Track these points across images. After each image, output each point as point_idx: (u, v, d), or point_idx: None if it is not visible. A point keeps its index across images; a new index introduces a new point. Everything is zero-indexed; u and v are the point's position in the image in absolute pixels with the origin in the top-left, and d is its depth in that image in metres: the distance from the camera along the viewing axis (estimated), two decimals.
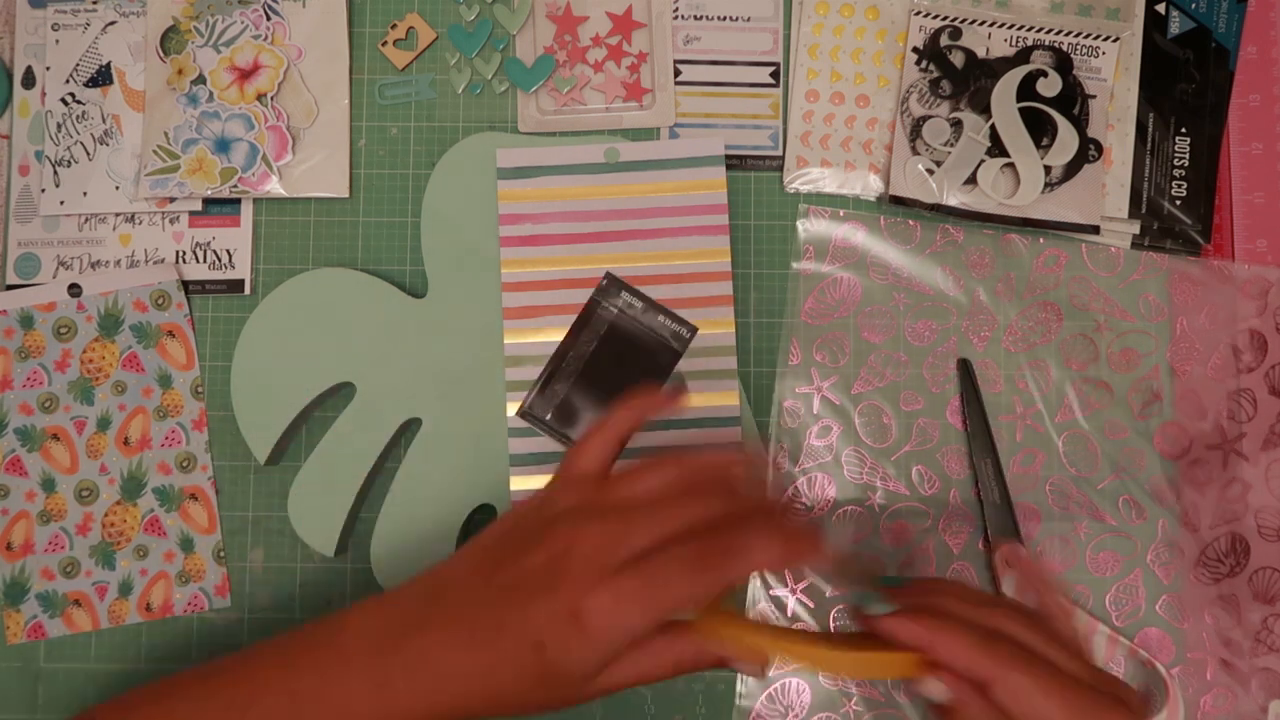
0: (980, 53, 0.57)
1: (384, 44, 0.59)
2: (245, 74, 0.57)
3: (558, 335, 0.55)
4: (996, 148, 0.56)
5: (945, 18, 0.57)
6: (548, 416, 0.54)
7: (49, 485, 0.56)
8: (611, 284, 0.55)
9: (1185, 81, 0.58)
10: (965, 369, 0.56)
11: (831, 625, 0.55)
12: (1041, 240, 0.58)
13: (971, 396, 0.56)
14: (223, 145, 0.57)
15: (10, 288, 0.58)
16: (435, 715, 0.39)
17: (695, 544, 0.38)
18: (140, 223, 0.58)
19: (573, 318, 0.55)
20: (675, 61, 0.58)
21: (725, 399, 0.55)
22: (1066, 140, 0.56)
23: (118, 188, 0.58)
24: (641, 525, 0.39)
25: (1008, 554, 0.53)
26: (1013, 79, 0.56)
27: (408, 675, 0.39)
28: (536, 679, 0.38)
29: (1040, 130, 0.56)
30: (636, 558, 0.38)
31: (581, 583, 0.37)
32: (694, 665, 0.40)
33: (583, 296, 0.55)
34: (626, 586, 0.37)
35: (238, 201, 0.58)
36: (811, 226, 0.58)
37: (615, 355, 0.55)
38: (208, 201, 0.58)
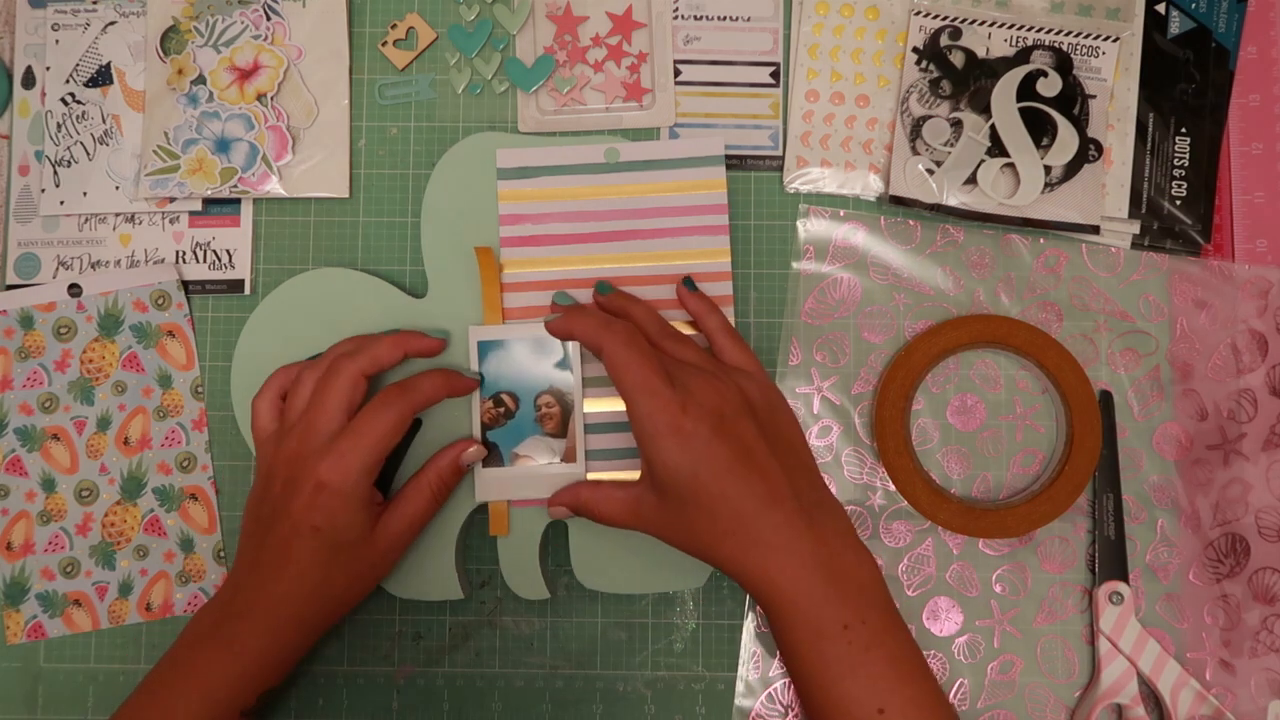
0: (980, 53, 0.57)
1: (384, 44, 0.59)
2: (245, 74, 0.57)
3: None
4: (996, 148, 0.56)
5: (945, 18, 0.57)
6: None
7: (49, 485, 0.56)
8: None
9: (1185, 81, 0.58)
10: (1107, 401, 0.56)
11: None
12: (1041, 240, 0.58)
13: (1107, 428, 0.55)
14: (223, 145, 0.57)
15: (10, 288, 0.58)
16: (288, 646, 0.48)
17: (379, 393, 0.50)
18: (140, 223, 0.58)
19: None
20: (675, 61, 0.58)
21: None
22: (1066, 140, 0.56)
23: (118, 188, 0.58)
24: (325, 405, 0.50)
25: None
26: (1013, 79, 0.56)
27: (247, 627, 0.48)
28: (331, 559, 0.48)
29: (1040, 130, 0.56)
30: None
31: (310, 466, 0.47)
32: (442, 482, 0.52)
33: (583, 297, 0.55)
34: (342, 444, 0.48)
35: (238, 201, 0.58)
36: (811, 226, 0.58)
37: None
38: (208, 201, 0.58)
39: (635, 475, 0.53)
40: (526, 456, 0.54)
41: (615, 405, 0.54)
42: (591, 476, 0.53)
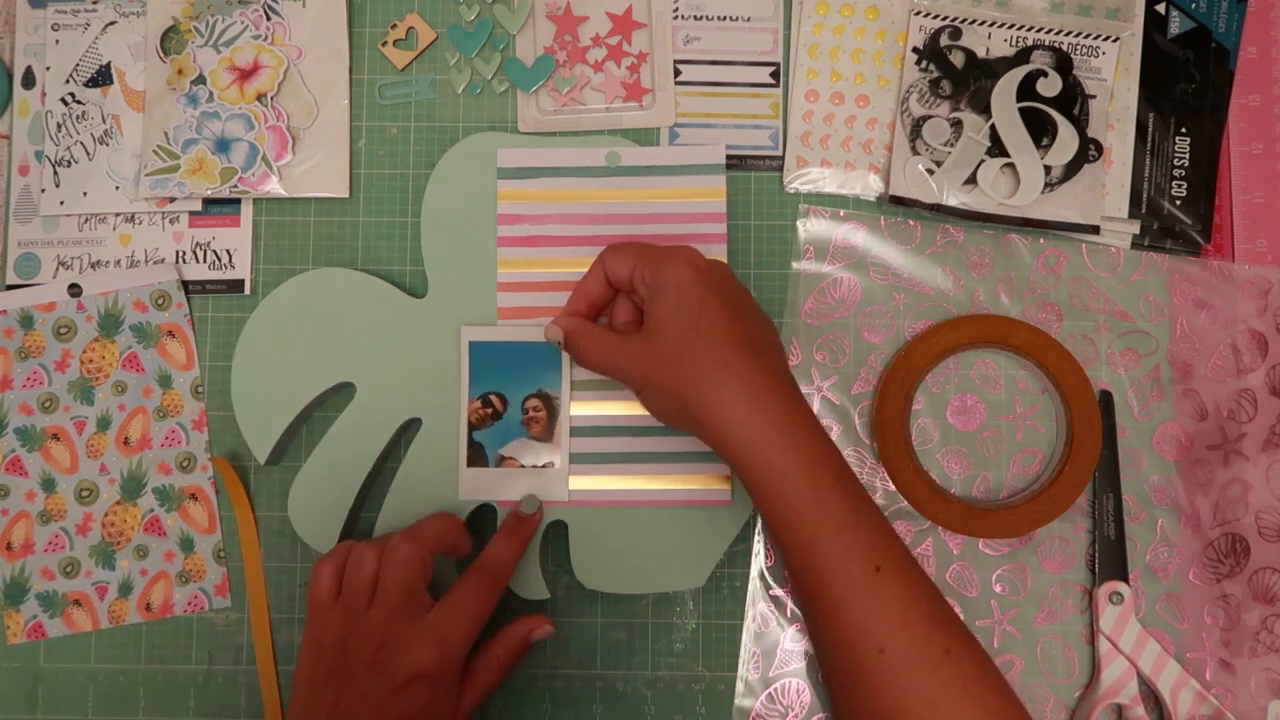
0: (980, 53, 0.57)
1: (384, 44, 0.59)
2: (245, 74, 0.57)
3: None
4: (996, 148, 0.56)
5: (945, 18, 0.57)
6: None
7: (49, 485, 0.56)
8: None
9: (1185, 81, 0.58)
10: (1107, 401, 0.56)
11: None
12: (1042, 240, 0.58)
13: (1108, 428, 0.55)
14: (223, 145, 0.57)
15: (10, 288, 0.58)
16: None
17: (467, 572, 0.50)
18: (140, 223, 0.58)
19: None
20: (675, 61, 0.58)
21: None
22: (1066, 140, 0.56)
23: (118, 188, 0.58)
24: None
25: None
26: (1013, 79, 0.56)
27: None
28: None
29: (1040, 130, 0.56)
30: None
31: (401, 651, 0.47)
32: (510, 656, 0.51)
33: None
34: (438, 628, 0.48)
35: (238, 201, 0.58)
36: (811, 226, 0.58)
37: None
38: (208, 201, 0.58)
39: (622, 482, 0.54)
40: (511, 459, 0.54)
41: (602, 410, 0.55)
42: (575, 482, 0.54)
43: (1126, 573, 0.54)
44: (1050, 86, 0.56)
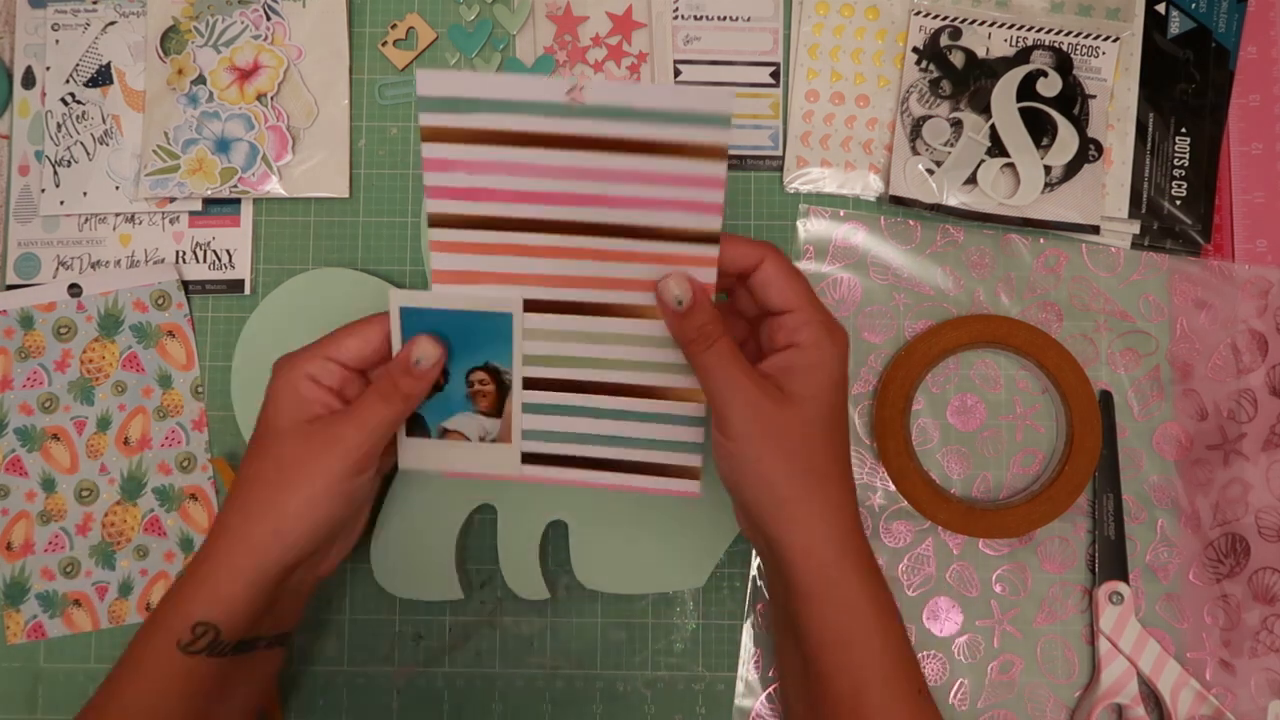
0: (980, 53, 0.57)
1: (384, 44, 0.59)
2: (245, 74, 0.57)
3: (496, 307, 0.46)
4: (996, 148, 0.56)
5: (945, 18, 0.57)
6: None
7: (49, 485, 0.56)
8: None
9: (1185, 81, 0.58)
10: (1107, 401, 0.56)
11: None
12: (1042, 240, 0.58)
13: (1107, 428, 0.55)
14: (223, 145, 0.57)
15: (10, 288, 0.58)
16: (234, 570, 0.44)
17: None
18: (140, 223, 0.58)
19: (514, 291, 0.45)
20: (675, 61, 0.58)
21: (691, 398, 0.47)
22: (1066, 140, 0.56)
23: (118, 188, 0.58)
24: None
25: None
26: (1013, 79, 0.56)
27: (204, 549, 0.45)
28: (260, 445, 0.45)
29: (1040, 130, 0.56)
30: None
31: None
32: (394, 384, 0.45)
33: (528, 267, 0.45)
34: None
35: (238, 201, 0.58)
36: (811, 226, 0.58)
37: None
38: (208, 201, 0.58)
39: (574, 467, 0.49)
40: (456, 433, 0.49)
41: (558, 388, 0.48)
42: (530, 471, 0.49)
43: (1126, 573, 0.54)
44: (1050, 86, 0.56)
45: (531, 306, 0.46)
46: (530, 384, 0.48)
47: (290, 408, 0.45)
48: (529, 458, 0.49)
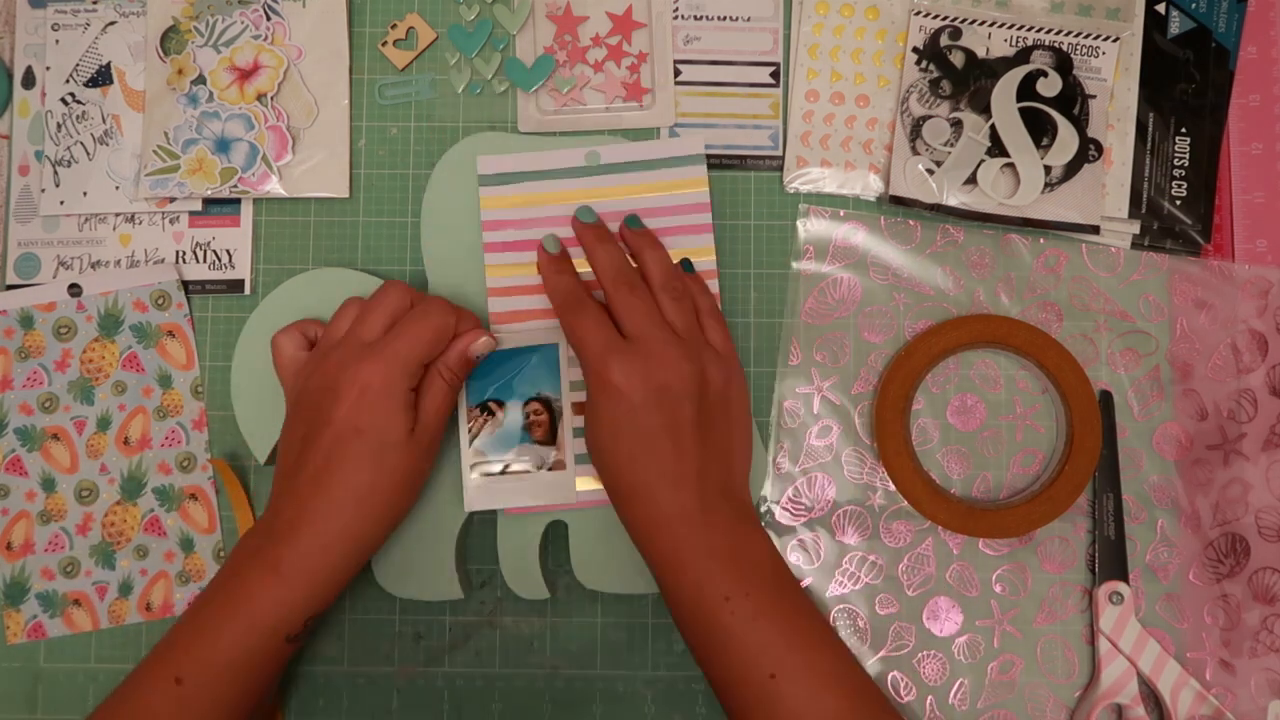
0: (980, 53, 0.57)
1: (384, 44, 0.59)
2: (245, 74, 0.57)
3: (543, 340, 0.54)
4: (996, 148, 0.56)
5: (945, 18, 0.57)
6: None
7: (49, 485, 0.56)
8: None
9: (1185, 81, 0.58)
10: (1107, 401, 0.56)
11: (831, 621, 0.55)
12: (1041, 240, 0.58)
13: (1107, 428, 0.55)
14: (223, 145, 0.57)
15: (10, 288, 0.58)
16: (336, 565, 0.47)
17: (422, 302, 0.51)
18: (140, 223, 0.58)
19: (557, 323, 0.54)
20: (675, 61, 0.58)
21: None
22: (1066, 140, 0.56)
23: (118, 188, 0.58)
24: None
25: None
26: (1013, 79, 0.56)
27: (291, 548, 0.47)
28: (376, 462, 0.47)
29: (1040, 130, 0.56)
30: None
31: (353, 371, 0.48)
32: (452, 373, 0.51)
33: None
34: (385, 348, 0.48)
35: (238, 201, 0.58)
36: (811, 226, 0.58)
37: None
38: (208, 201, 0.58)
39: None
40: (516, 465, 0.53)
41: None
42: (582, 486, 0.54)
43: (1126, 573, 0.54)
44: (1050, 86, 0.56)
45: None
46: (579, 410, 0.53)
47: (406, 423, 0.48)
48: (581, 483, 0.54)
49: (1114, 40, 0.57)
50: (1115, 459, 0.55)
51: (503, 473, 0.53)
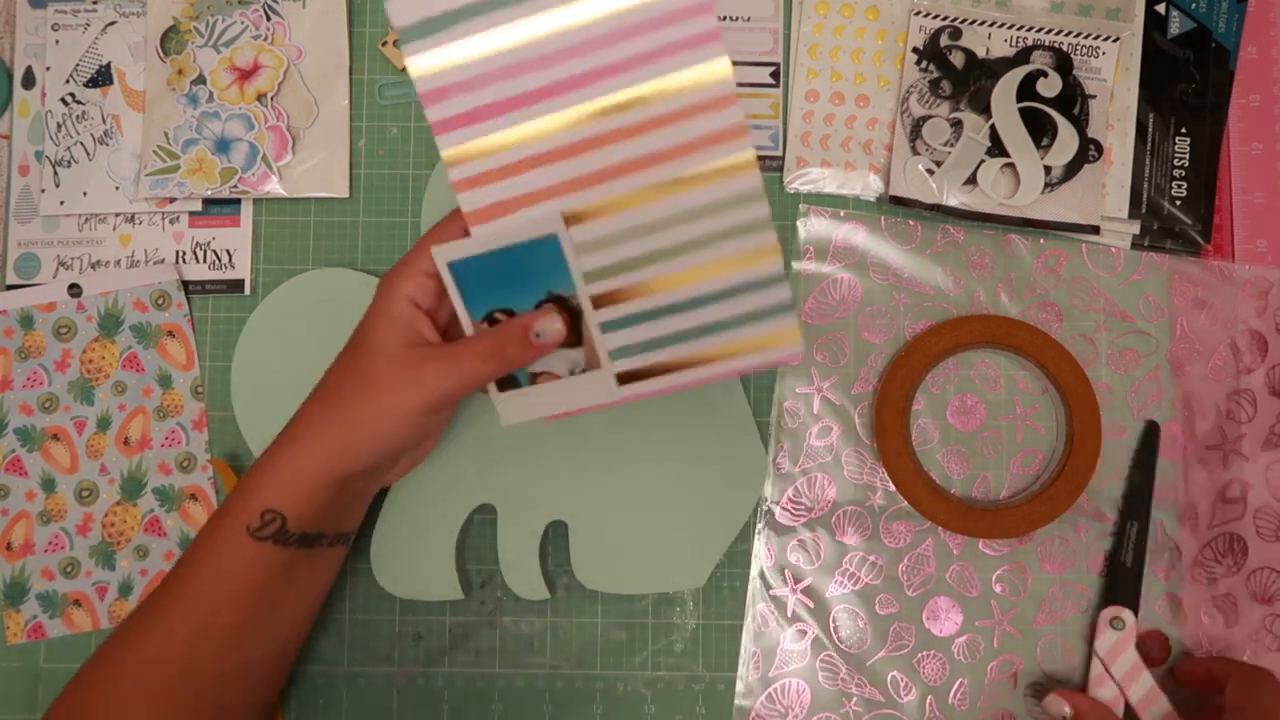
0: (980, 53, 0.57)
1: (384, 44, 0.59)
2: (245, 74, 0.57)
3: (538, 232, 0.44)
4: (996, 148, 0.56)
5: (945, 18, 0.57)
6: None
7: (49, 485, 0.56)
8: None
9: (1185, 81, 0.58)
10: (1151, 432, 0.56)
11: (830, 625, 0.55)
12: (1041, 240, 0.58)
13: (1147, 457, 0.55)
14: (223, 145, 0.57)
15: (10, 288, 0.58)
16: (306, 470, 0.46)
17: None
18: (140, 223, 0.58)
19: (551, 206, 0.43)
20: None
21: (762, 259, 0.43)
22: (1066, 140, 0.56)
23: (118, 188, 0.58)
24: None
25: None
26: (1013, 79, 0.56)
27: (277, 445, 0.46)
28: (351, 360, 0.46)
29: (1040, 130, 0.56)
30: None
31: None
32: (504, 351, 0.45)
33: (556, 175, 0.42)
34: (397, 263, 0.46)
35: (238, 201, 0.58)
36: (811, 227, 0.58)
37: None
38: (208, 201, 0.58)
39: (672, 371, 0.46)
40: (546, 373, 0.46)
41: (629, 297, 0.45)
42: (629, 391, 0.46)
43: (1137, 604, 0.54)
44: (1050, 86, 0.56)
45: (575, 219, 0.43)
46: (600, 301, 0.45)
47: (387, 328, 0.46)
48: (624, 377, 0.46)
49: (1114, 40, 0.57)
50: (1150, 489, 0.55)
51: (532, 382, 0.47)
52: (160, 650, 0.45)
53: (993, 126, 0.56)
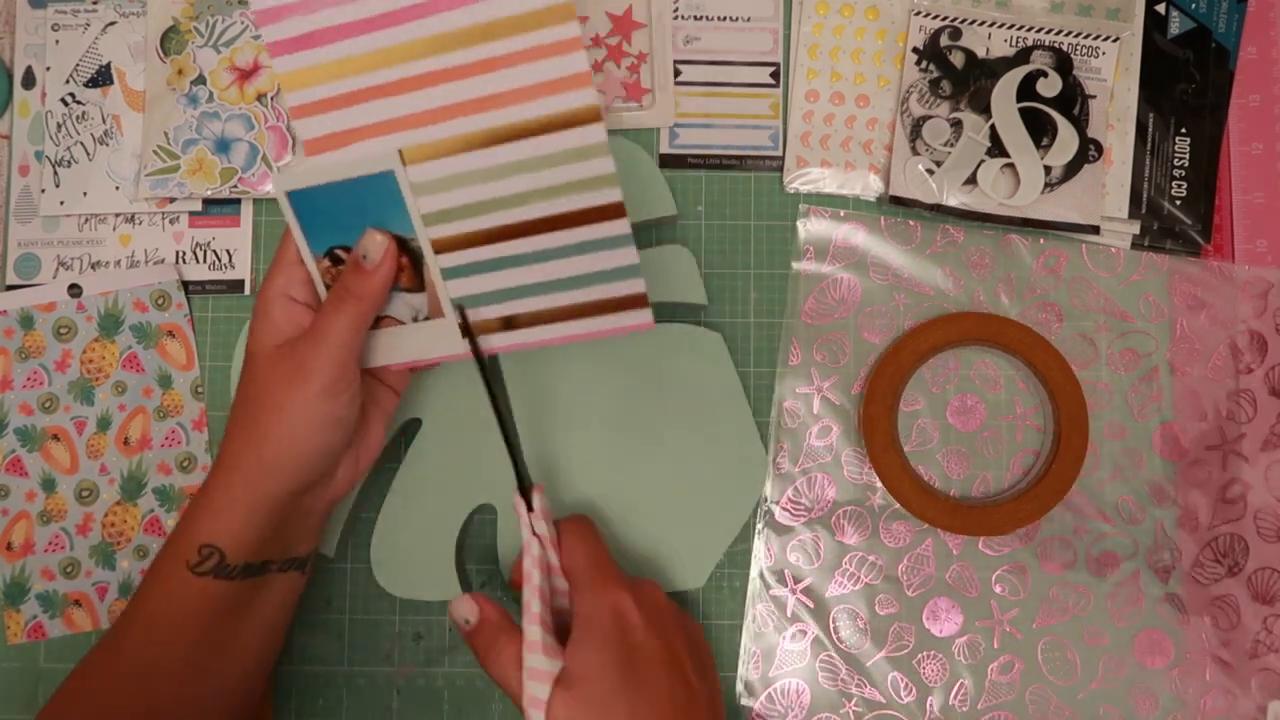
0: (980, 53, 0.57)
1: None
2: (245, 74, 0.57)
3: (375, 168, 0.42)
4: (996, 148, 0.56)
5: (945, 18, 0.57)
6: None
7: (49, 485, 0.56)
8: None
9: (1185, 81, 0.58)
10: (464, 314, 0.46)
11: (830, 626, 0.55)
12: (1041, 240, 0.58)
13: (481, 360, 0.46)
14: (223, 145, 0.57)
15: (10, 288, 0.58)
16: (235, 494, 0.44)
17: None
18: (140, 223, 0.58)
19: (390, 141, 0.41)
20: (675, 61, 0.58)
21: (606, 216, 0.42)
22: (1066, 140, 0.56)
23: (118, 188, 0.58)
24: None
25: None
26: (1013, 79, 0.56)
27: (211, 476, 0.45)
28: (247, 369, 0.45)
29: (1040, 130, 0.56)
30: None
31: None
32: (346, 290, 0.44)
33: (399, 108, 0.41)
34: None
35: (238, 201, 0.58)
36: (811, 227, 0.58)
37: None
38: (208, 202, 0.58)
39: (524, 326, 0.45)
40: (389, 318, 0.46)
41: (473, 245, 0.44)
42: (490, 342, 0.45)
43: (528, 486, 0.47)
44: (1050, 86, 0.56)
45: (416, 156, 0.42)
46: (443, 246, 0.43)
47: (263, 332, 0.44)
48: (476, 328, 0.45)
49: (1114, 40, 0.57)
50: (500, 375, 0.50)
51: (376, 326, 0.45)
52: (119, 685, 0.44)
53: (993, 126, 0.56)
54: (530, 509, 0.46)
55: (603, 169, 0.41)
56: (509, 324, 0.45)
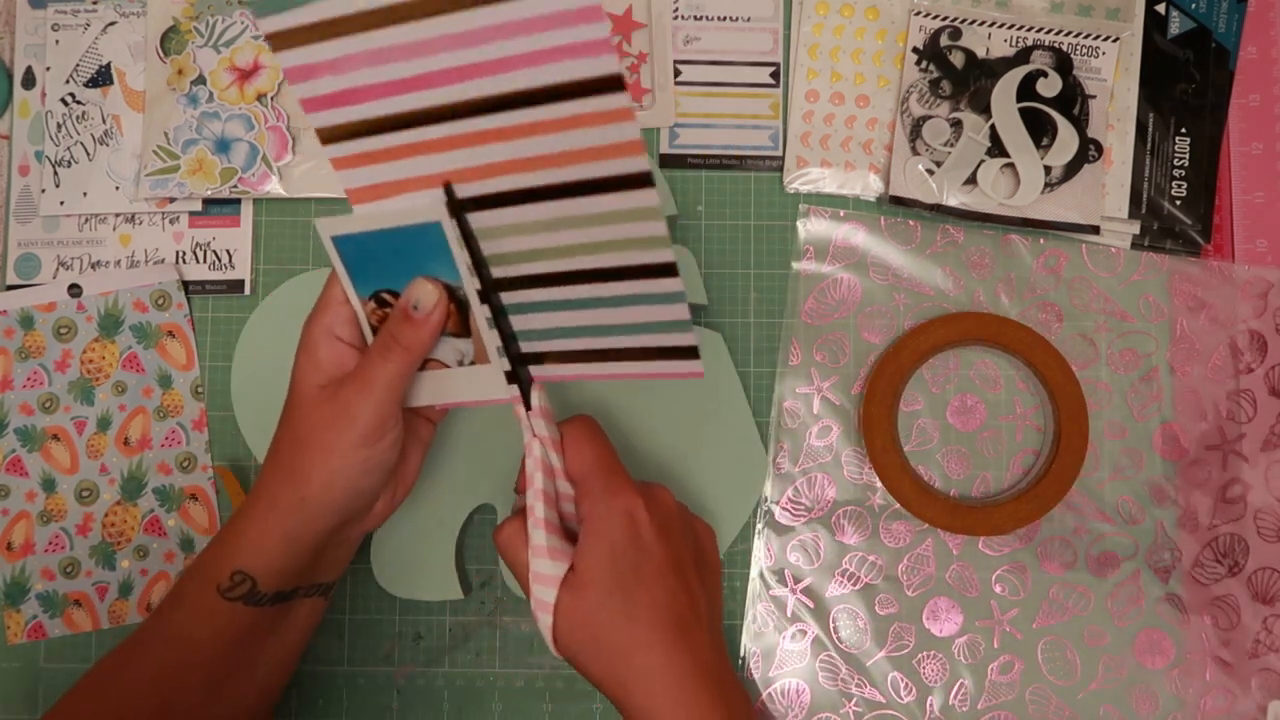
0: (980, 53, 0.57)
1: None
2: (245, 74, 0.57)
3: (422, 218, 0.41)
4: (996, 148, 0.56)
5: (945, 18, 0.57)
6: None
7: (49, 485, 0.56)
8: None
9: (1185, 81, 0.58)
10: (449, 192, 0.41)
11: (830, 625, 0.55)
12: (1041, 240, 0.58)
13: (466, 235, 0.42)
14: (223, 145, 0.57)
15: (10, 288, 0.58)
16: (270, 528, 0.44)
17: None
18: (140, 223, 0.58)
19: (437, 194, 0.40)
20: (675, 61, 0.58)
21: (658, 276, 0.40)
22: (1066, 140, 0.56)
23: (118, 188, 0.58)
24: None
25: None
26: (1013, 79, 0.56)
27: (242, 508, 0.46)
28: (286, 413, 0.45)
29: (1040, 130, 0.56)
30: None
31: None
32: (392, 338, 0.43)
33: (442, 165, 0.40)
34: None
35: (238, 202, 0.58)
36: (811, 227, 0.58)
37: None
38: (208, 202, 0.58)
39: (571, 362, 0.44)
40: (435, 361, 0.45)
41: (519, 288, 0.43)
42: (536, 372, 0.44)
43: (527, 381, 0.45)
44: (1050, 86, 0.56)
45: (463, 208, 0.41)
46: (491, 289, 0.43)
47: (307, 370, 0.44)
48: (522, 359, 0.44)
49: (1114, 40, 0.57)
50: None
51: (422, 368, 0.45)
52: (137, 692, 0.44)
53: (993, 126, 0.56)
54: (528, 408, 0.44)
55: (655, 231, 0.39)
56: (558, 358, 0.44)
